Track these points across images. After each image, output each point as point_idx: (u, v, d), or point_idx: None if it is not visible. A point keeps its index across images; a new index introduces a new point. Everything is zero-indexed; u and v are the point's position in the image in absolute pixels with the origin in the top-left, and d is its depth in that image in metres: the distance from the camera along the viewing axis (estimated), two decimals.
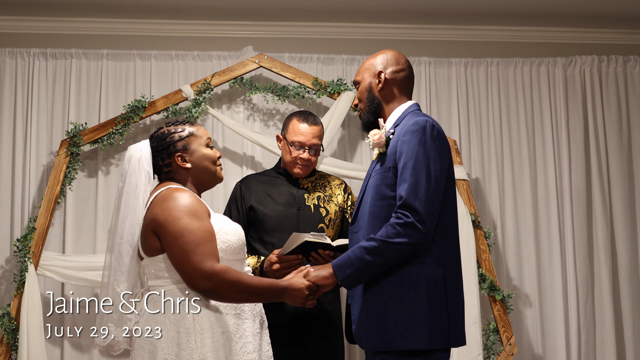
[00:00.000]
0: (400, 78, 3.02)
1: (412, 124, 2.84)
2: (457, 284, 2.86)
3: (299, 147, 3.78)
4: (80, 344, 4.46)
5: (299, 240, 3.22)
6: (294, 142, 3.79)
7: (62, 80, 4.67)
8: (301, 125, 3.80)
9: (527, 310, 4.80)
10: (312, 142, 3.79)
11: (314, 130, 3.80)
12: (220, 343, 2.64)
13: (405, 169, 2.78)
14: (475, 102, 4.94)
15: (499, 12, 4.99)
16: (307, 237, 3.20)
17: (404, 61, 3.05)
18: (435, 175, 2.77)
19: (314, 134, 3.80)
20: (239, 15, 4.87)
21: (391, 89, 3.02)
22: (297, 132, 3.79)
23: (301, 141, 3.78)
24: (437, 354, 2.78)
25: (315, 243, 3.24)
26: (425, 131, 2.81)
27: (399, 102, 3.02)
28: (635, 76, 5.06)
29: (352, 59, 4.84)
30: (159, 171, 2.87)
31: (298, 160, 3.80)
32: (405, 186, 2.75)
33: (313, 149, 3.80)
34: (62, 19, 4.78)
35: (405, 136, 2.82)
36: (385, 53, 3.06)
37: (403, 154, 2.80)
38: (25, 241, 4.24)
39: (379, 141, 2.92)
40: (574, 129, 4.93)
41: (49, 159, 4.58)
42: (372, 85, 3.03)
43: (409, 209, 2.73)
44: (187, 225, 2.63)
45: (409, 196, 2.73)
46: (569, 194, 4.85)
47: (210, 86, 4.53)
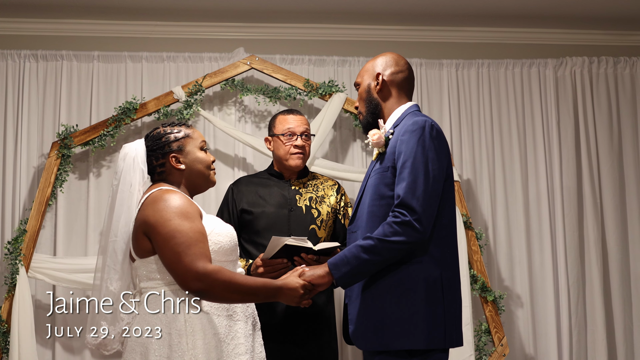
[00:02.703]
0: (399, 80, 3.04)
1: (411, 123, 2.85)
2: (454, 284, 2.87)
3: (291, 135, 3.83)
4: (72, 346, 4.43)
5: (279, 244, 3.22)
6: (285, 132, 3.83)
7: (53, 82, 4.65)
8: (287, 117, 3.90)
9: (519, 311, 4.81)
10: (303, 129, 3.86)
11: (300, 118, 3.90)
12: (212, 344, 2.64)
13: (404, 168, 2.79)
14: (467, 103, 4.95)
15: (490, 14, 5.00)
16: (287, 240, 3.20)
17: (404, 63, 3.08)
18: (433, 175, 2.78)
19: (301, 121, 3.89)
20: (231, 17, 4.87)
21: (389, 90, 3.04)
22: (285, 122, 3.87)
23: (291, 128, 3.85)
24: (436, 354, 2.79)
25: (297, 247, 3.24)
26: (424, 131, 2.82)
27: (398, 103, 3.04)
28: (625, 77, 5.08)
29: (344, 60, 4.84)
30: (152, 171, 2.86)
31: (293, 148, 3.82)
32: (403, 185, 2.76)
33: (305, 135, 3.86)
34: (52, 20, 4.76)
35: (404, 136, 2.84)
36: (385, 55, 3.10)
37: (402, 154, 2.82)
38: (16, 243, 4.22)
39: (379, 141, 2.94)
40: (565, 130, 4.95)
41: (39, 161, 4.57)
42: (371, 87, 3.06)
43: (406, 208, 2.74)
44: (178, 227, 2.63)
45: (407, 195, 2.74)
46: (560, 195, 4.87)
47: (202, 88, 4.53)
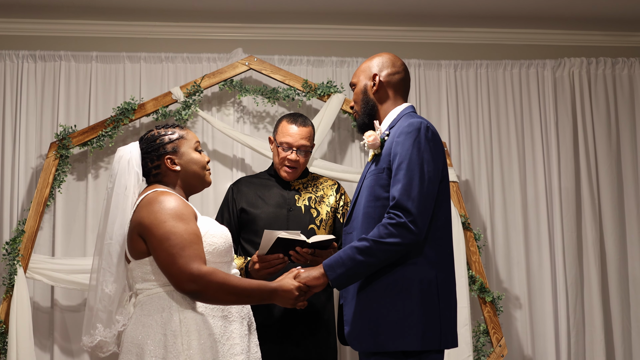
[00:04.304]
0: (396, 81, 3.04)
1: (406, 125, 2.85)
2: (449, 286, 2.87)
3: (287, 149, 3.80)
4: (71, 349, 4.44)
5: (272, 238, 3.22)
6: (282, 144, 3.81)
7: (51, 83, 4.66)
8: (290, 126, 3.83)
9: (517, 312, 4.81)
10: (300, 144, 3.81)
11: (302, 131, 3.82)
12: (207, 345, 2.64)
13: (399, 170, 2.79)
14: (465, 104, 4.95)
15: (488, 15, 5.00)
16: (280, 234, 3.20)
17: (400, 64, 3.07)
18: (428, 177, 2.78)
19: (302, 135, 3.81)
20: (229, 18, 4.87)
21: (386, 91, 3.04)
22: (286, 134, 3.81)
23: (289, 142, 3.80)
24: (431, 355, 2.80)
25: (291, 241, 3.24)
26: (419, 132, 2.83)
27: (394, 104, 3.04)
28: (623, 78, 5.08)
29: (342, 61, 4.84)
30: (147, 173, 2.87)
31: (286, 162, 3.81)
32: (398, 187, 2.77)
33: (302, 150, 3.82)
34: (51, 21, 4.77)
35: (400, 137, 2.84)
36: (381, 56, 3.09)
37: (397, 155, 2.82)
38: (14, 244, 4.22)
39: (374, 142, 2.94)
40: (563, 131, 4.95)
41: (38, 162, 4.57)
42: (367, 87, 3.05)
43: (401, 210, 2.74)
44: (172, 228, 2.63)
45: (402, 197, 2.74)
46: (558, 196, 4.87)
47: (200, 88, 4.53)
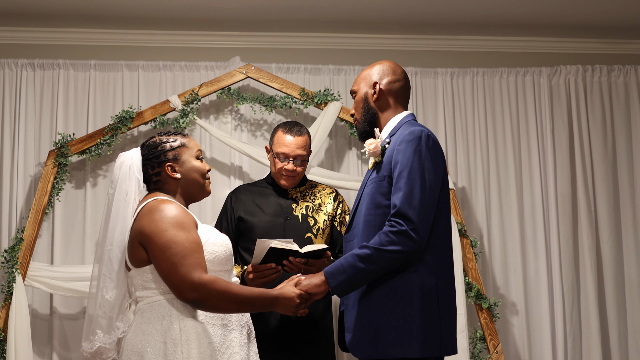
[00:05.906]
0: (396, 89, 3.05)
1: (407, 133, 2.86)
2: (449, 293, 2.88)
3: (284, 159, 3.80)
4: (70, 357, 4.43)
5: (265, 247, 3.22)
6: (279, 154, 3.80)
7: (50, 91, 4.67)
8: (285, 136, 3.81)
9: (514, 318, 4.82)
10: (296, 153, 3.80)
11: (298, 141, 3.81)
12: (206, 354, 2.64)
13: (400, 178, 2.80)
14: (461, 111, 4.97)
15: (485, 23, 5.03)
16: (272, 243, 3.20)
17: (400, 72, 3.07)
18: (429, 185, 2.79)
19: (298, 145, 3.80)
20: (227, 26, 4.89)
21: (387, 99, 3.04)
22: (282, 144, 3.80)
23: (285, 152, 3.80)
24: None
25: (286, 251, 3.24)
26: (420, 141, 2.83)
27: (394, 112, 3.04)
28: (619, 85, 5.10)
29: (339, 69, 4.86)
30: (148, 180, 2.86)
31: (283, 172, 3.81)
32: (399, 195, 2.77)
33: (298, 160, 3.81)
34: (49, 29, 4.78)
35: (401, 145, 2.84)
36: (382, 64, 3.08)
37: (398, 163, 2.82)
38: (13, 252, 4.23)
39: (375, 150, 2.94)
40: (559, 138, 4.97)
41: (36, 170, 4.57)
42: (367, 95, 3.05)
43: (402, 217, 2.75)
44: (173, 237, 2.63)
45: (403, 205, 2.75)
46: (554, 203, 4.88)
47: (198, 97, 4.54)
